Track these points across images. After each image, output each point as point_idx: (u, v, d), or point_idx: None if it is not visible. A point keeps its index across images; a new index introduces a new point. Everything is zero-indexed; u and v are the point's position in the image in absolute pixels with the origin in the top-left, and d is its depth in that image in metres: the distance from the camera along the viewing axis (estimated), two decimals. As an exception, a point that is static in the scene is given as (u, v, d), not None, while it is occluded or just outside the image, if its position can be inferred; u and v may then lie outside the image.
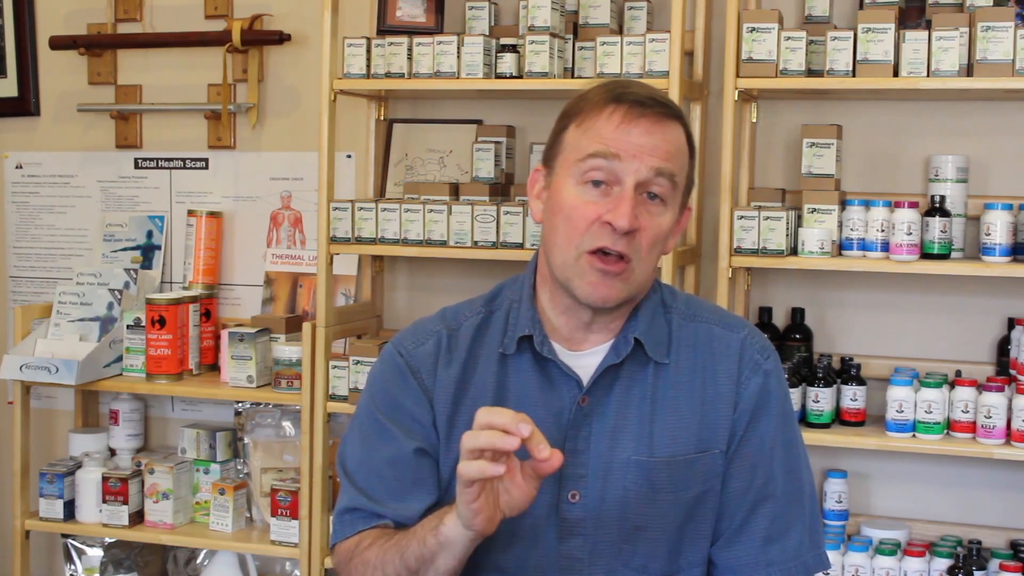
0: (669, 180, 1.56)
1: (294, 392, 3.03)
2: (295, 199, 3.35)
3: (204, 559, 3.31)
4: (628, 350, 1.62)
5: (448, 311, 1.73)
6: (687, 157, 1.62)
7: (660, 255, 1.63)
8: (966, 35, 2.58)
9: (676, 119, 1.60)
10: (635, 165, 1.54)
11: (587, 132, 1.57)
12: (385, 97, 3.19)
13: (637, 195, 1.55)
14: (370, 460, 1.64)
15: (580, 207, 1.56)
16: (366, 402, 1.70)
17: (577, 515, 1.59)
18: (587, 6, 2.90)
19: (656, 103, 1.57)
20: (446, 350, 1.66)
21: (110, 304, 3.26)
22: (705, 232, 2.99)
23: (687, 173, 1.62)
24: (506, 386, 1.63)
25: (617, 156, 1.54)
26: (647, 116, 1.56)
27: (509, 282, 1.72)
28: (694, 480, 1.61)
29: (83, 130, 3.53)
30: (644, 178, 1.55)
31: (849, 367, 2.79)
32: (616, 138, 1.55)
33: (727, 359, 1.65)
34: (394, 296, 3.30)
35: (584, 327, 1.63)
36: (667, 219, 1.58)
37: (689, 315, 1.69)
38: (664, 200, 1.57)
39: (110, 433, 3.34)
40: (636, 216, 1.54)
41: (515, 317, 1.66)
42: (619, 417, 1.60)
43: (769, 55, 2.67)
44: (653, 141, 1.55)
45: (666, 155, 1.56)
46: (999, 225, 2.59)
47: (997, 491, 2.85)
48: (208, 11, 3.38)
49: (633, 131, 1.55)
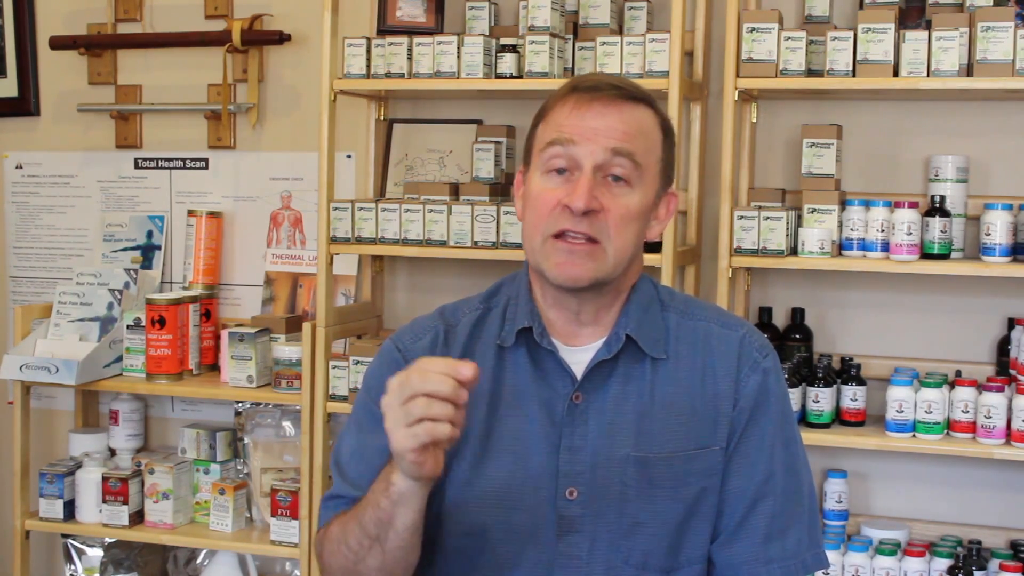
0: (630, 160, 1.57)
1: (294, 392, 3.03)
2: (295, 199, 3.35)
3: (204, 559, 3.32)
4: (619, 346, 1.62)
5: (447, 308, 1.73)
6: (656, 139, 1.62)
7: (638, 238, 1.62)
8: (966, 35, 2.58)
9: (636, 100, 1.60)
10: (591, 147, 1.56)
11: (548, 124, 1.60)
12: (385, 97, 3.19)
13: (601, 178, 1.57)
14: (363, 449, 1.64)
15: (543, 194, 1.59)
16: (362, 396, 1.70)
17: (575, 512, 1.59)
18: (587, 6, 2.90)
19: (611, 87, 1.59)
20: (443, 344, 1.67)
21: (110, 304, 3.26)
22: (705, 232, 2.99)
23: (660, 155, 1.62)
24: (502, 380, 1.64)
25: (572, 141, 1.57)
26: (600, 99, 1.58)
27: (508, 279, 1.73)
28: (693, 476, 1.61)
29: (83, 130, 3.53)
30: (601, 160, 1.56)
31: (849, 367, 2.79)
32: (571, 124, 1.57)
33: (726, 357, 1.65)
34: (394, 296, 3.30)
35: (575, 319, 1.64)
36: (634, 200, 1.58)
37: (687, 313, 1.69)
38: (628, 181, 1.58)
39: (110, 433, 3.34)
40: (595, 197, 1.55)
41: (513, 311, 1.67)
42: (617, 413, 1.61)
43: (769, 55, 2.68)
44: (607, 122, 1.57)
45: (623, 136, 1.57)
46: (999, 225, 2.59)
47: (997, 491, 2.85)
48: (208, 11, 3.39)
49: (587, 115, 1.57)
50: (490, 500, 1.60)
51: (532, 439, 1.60)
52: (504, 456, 1.60)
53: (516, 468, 1.59)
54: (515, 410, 1.62)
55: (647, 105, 1.62)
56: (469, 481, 1.60)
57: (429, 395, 1.37)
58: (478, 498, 1.60)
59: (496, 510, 1.59)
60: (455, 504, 1.61)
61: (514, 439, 1.60)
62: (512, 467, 1.59)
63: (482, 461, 1.60)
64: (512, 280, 1.72)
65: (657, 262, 2.71)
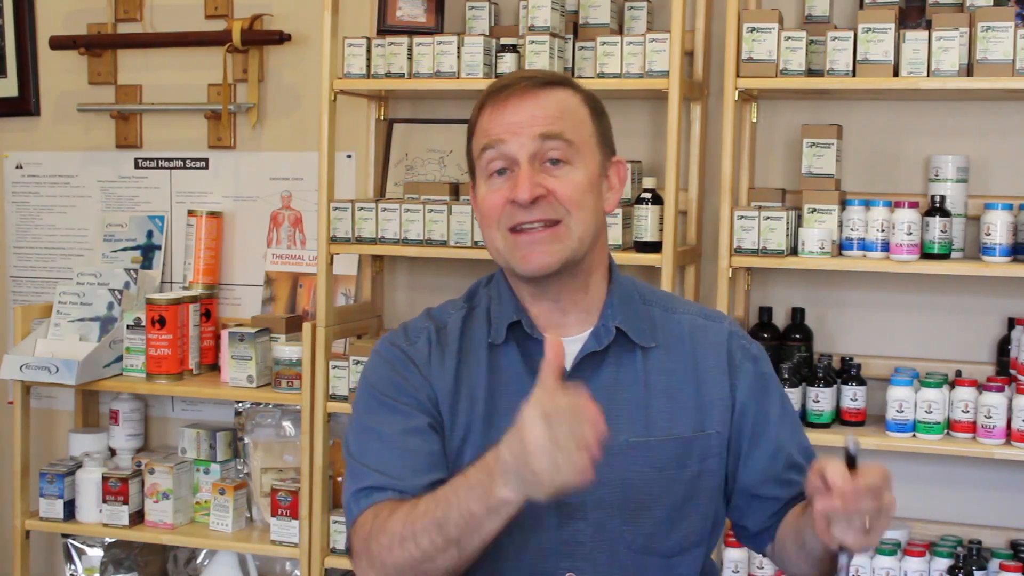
0: (561, 140, 1.61)
1: (294, 392, 3.03)
2: (295, 199, 3.35)
3: (204, 559, 3.32)
4: (610, 339, 1.66)
5: (431, 310, 1.77)
6: (582, 115, 1.65)
7: (596, 210, 1.65)
8: (966, 35, 2.58)
9: (550, 85, 1.64)
10: (520, 140, 1.60)
11: (477, 134, 1.67)
12: (385, 97, 3.19)
13: (539, 165, 1.61)
14: (382, 436, 1.63)
15: (489, 197, 1.64)
16: (366, 392, 1.70)
17: (576, 500, 1.60)
18: (587, 6, 2.90)
19: (521, 79, 1.64)
20: (437, 345, 1.70)
21: (110, 304, 3.26)
22: (705, 232, 2.99)
23: (592, 129, 1.66)
24: (498, 375, 1.66)
25: (501, 140, 1.62)
26: (514, 93, 1.62)
27: (482, 281, 1.77)
28: (692, 459, 1.66)
29: (83, 130, 3.53)
30: (533, 148, 1.60)
31: (849, 367, 2.79)
32: (494, 125, 1.63)
33: (715, 347, 1.71)
34: (394, 296, 3.30)
35: (557, 308, 1.67)
36: (579, 175, 1.62)
37: (669, 308, 1.75)
38: (567, 160, 1.62)
39: (110, 433, 3.34)
40: (538, 184, 1.59)
41: (497, 310, 1.70)
42: (611, 402, 1.62)
43: (769, 55, 2.68)
44: (528, 112, 1.61)
45: (546, 119, 1.61)
46: (999, 225, 2.59)
47: (997, 491, 2.85)
48: (208, 11, 3.39)
49: (505, 113, 1.62)
50: None
51: None
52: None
53: None
54: (512, 403, 1.62)
55: (563, 86, 1.66)
56: None
57: (581, 422, 1.37)
58: None
59: None
60: None
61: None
62: None
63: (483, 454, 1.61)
64: (488, 282, 1.76)
65: (657, 262, 2.71)
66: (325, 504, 3.00)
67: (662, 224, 2.75)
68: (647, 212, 2.75)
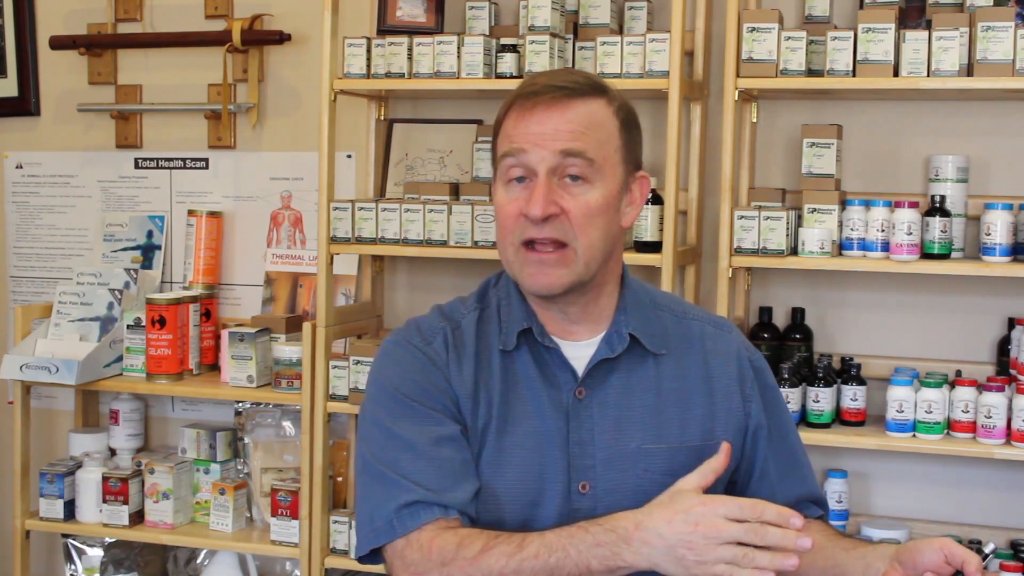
0: (582, 158, 1.57)
1: (294, 392, 3.03)
2: (295, 199, 3.35)
3: (204, 559, 3.32)
4: (623, 346, 1.64)
5: (444, 308, 1.73)
6: (610, 129, 1.60)
7: (607, 232, 1.61)
8: (966, 35, 2.58)
9: (582, 95, 1.59)
10: (541, 154, 1.56)
11: (501, 136, 1.62)
12: (385, 97, 3.19)
13: (558, 180, 1.57)
14: (412, 446, 1.59)
15: (505, 205, 1.60)
16: (387, 394, 1.64)
17: (588, 505, 1.61)
18: (587, 6, 2.90)
19: (551, 88, 1.58)
20: (453, 347, 1.67)
21: (110, 304, 3.26)
22: (705, 232, 2.99)
23: (618, 144, 1.61)
24: (514, 381, 1.65)
25: (523, 149, 1.57)
26: (540, 103, 1.57)
27: (492, 279, 1.74)
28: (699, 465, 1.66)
29: (83, 130, 3.53)
30: (553, 164, 1.57)
31: (849, 367, 2.79)
32: (518, 132, 1.58)
33: (725, 356, 1.71)
34: (394, 296, 3.30)
35: (565, 318, 1.66)
36: (595, 196, 1.58)
37: (680, 314, 1.74)
38: (586, 179, 1.58)
39: (110, 433, 3.34)
40: (552, 201, 1.56)
41: (507, 314, 1.67)
42: (623, 408, 1.63)
43: (769, 55, 2.68)
44: (553, 125, 1.56)
45: (570, 136, 1.56)
46: (999, 225, 2.59)
47: (997, 491, 2.85)
48: (208, 11, 3.39)
49: (530, 122, 1.57)
50: (507, 497, 1.61)
51: (544, 436, 1.62)
52: (519, 454, 1.61)
53: (531, 465, 1.61)
54: (526, 409, 1.63)
55: (596, 96, 1.60)
56: (487, 481, 1.61)
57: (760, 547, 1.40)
58: (495, 496, 1.61)
59: (512, 506, 1.61)
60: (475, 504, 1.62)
61: (526, 437, 1.62)
62: (527, 464, 1.61)
63: (499, 461, 1.61)
64: (498, 281, 1.73)
65: (657, 262, 2.71)
66: (325, 504, 3.00)
67: (662, 224, 2.75)
68: (647, 212, 2.75)
